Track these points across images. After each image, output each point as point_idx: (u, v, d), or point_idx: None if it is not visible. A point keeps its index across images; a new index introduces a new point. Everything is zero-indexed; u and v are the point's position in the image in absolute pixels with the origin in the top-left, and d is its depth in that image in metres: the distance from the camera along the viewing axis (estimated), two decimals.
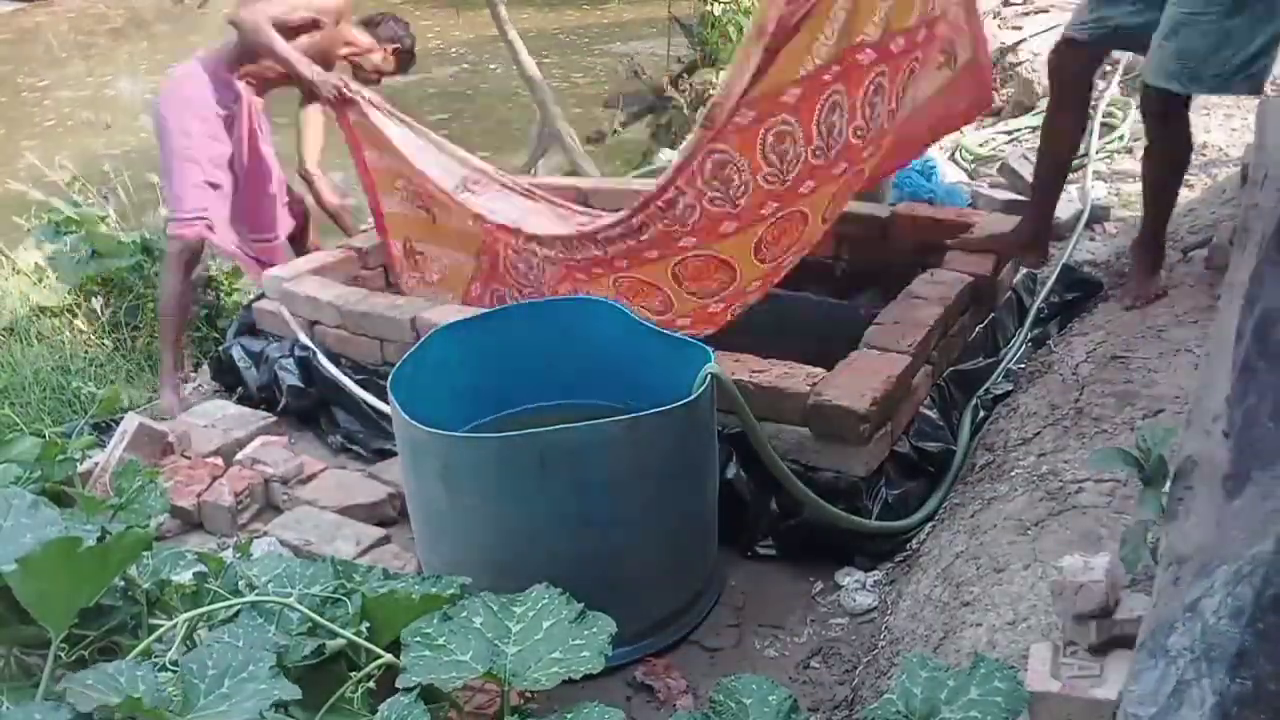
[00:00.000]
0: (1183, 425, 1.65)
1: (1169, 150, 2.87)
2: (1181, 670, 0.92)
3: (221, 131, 3.61)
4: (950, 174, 4.74)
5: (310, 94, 3.63)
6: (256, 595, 1.78)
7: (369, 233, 3.73)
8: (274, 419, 3.23)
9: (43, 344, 3.82)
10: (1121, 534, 1.68)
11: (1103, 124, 5.15)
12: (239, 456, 2.99)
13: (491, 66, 9.15)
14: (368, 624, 1.73)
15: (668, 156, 5.26)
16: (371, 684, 1.65)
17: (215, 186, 3.60)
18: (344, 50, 3.80)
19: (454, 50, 9.73)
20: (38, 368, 3.60)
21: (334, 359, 3.22)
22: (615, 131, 5.94)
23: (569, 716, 1.58)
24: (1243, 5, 2.48)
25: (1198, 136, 4.76)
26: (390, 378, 2.32)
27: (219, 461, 2.97)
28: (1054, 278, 3.43)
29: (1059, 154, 3.13)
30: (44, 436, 2.81)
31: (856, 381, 2.54)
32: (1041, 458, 2.42)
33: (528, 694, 1.78)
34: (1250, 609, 0.85)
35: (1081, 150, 4.89)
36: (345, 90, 3.36)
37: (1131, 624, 1.53)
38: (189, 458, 2.98)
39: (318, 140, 3.98)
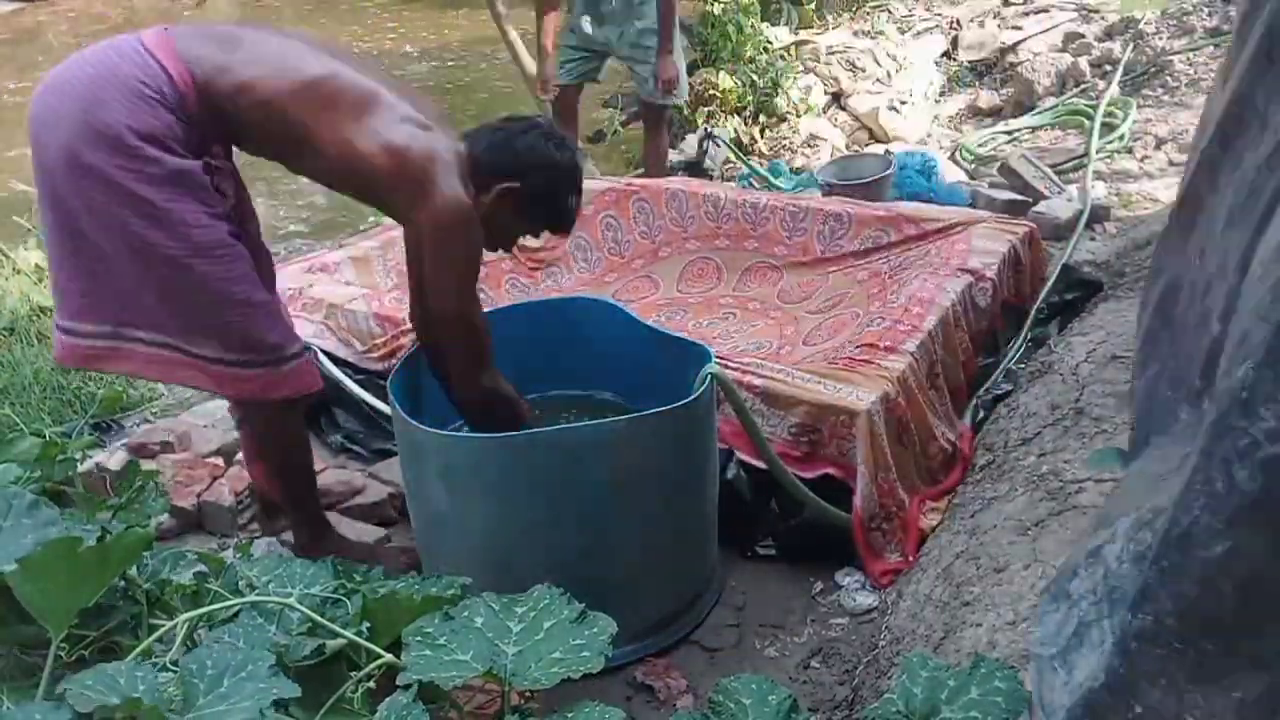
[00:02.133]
0: None
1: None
2: (1083, 612, 0.95)
3: None
4: (949, 174, 4.74)
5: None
6: (257, 595, 1.78)
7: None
8: None
9: (43, 344, 3.82)
10: None
11: (1103, 124, 5.15)
12: (239, 456, 2.99)
13: (452, 64, 9.18)
14: (368, 624, 1.73)
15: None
16: (371, 684, 1.65)
17: None
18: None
19: (417, 50, 9.75)
20: (38, 368, 3.59)
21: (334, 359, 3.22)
22: (615, 131, 5.94)
23: (569, 716, 1.58)
24: None
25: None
26: (390, 378, 2.32)
27: (219, 462, 2.96)
28: (1054, 278, 3.44)
29: None
30: (44, 437, 2.81)
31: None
32: (1042, 458, 2.42)
33: (528, 694, 1.78)
34: (1155, 550, 0.87)
35: (1081, 150, 4.91)
36: None
37: None
38: (189, 458, 2.98)
39: None
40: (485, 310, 2.29)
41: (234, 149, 2.22)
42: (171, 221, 2.02)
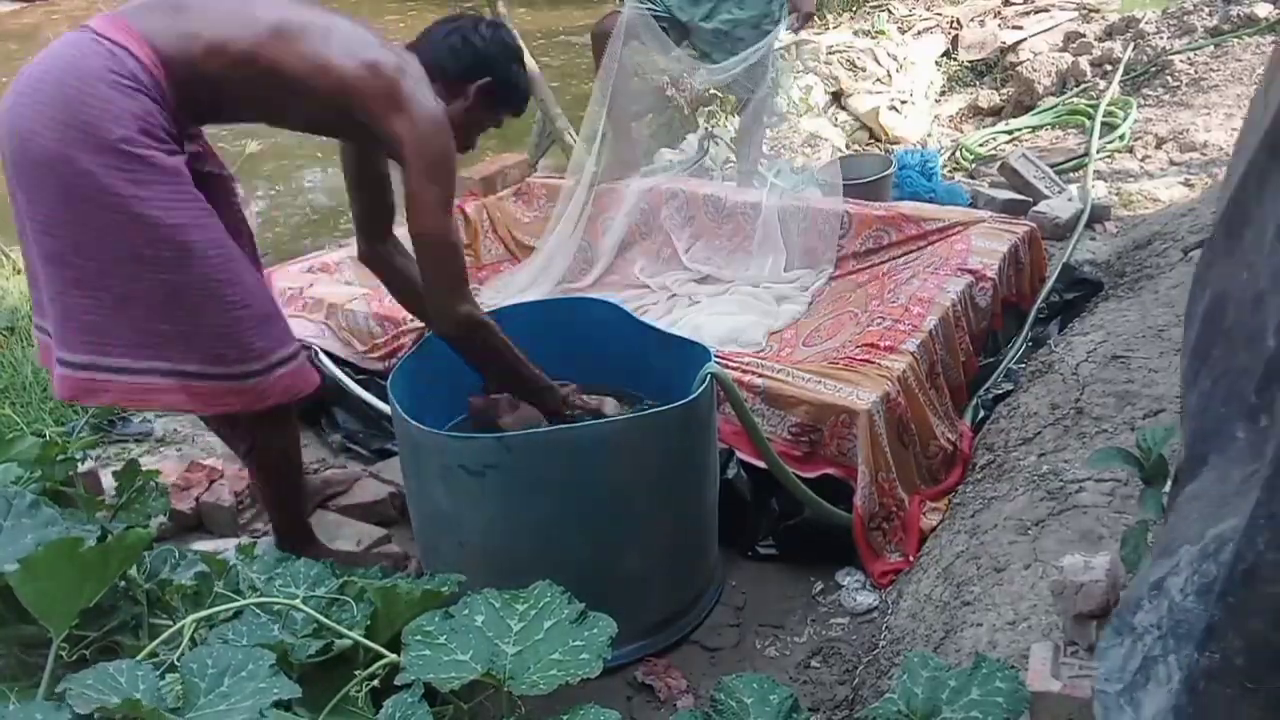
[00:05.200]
0: (1179, 424, 1.65)
1: None
2: (1148, 647, 0.93)
3: None
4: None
5: None
6: (261, 596, 1.78)
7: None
8: None
9: None
10: (1122, 534, 1.68)
11: (1103, 123, 5.15)
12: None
13: None
14: (368, 621, 1.73)
15: (668, 156, 5.26)
16: (376, 683, 1.65)
17: None
18: None
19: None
20: (38, 368, 3.59)
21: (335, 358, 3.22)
22: None
23: (565, 719, 1.58)
24: None
25: (1198, 136, 4.79)
26: (390, 378, 2.32)
27: (218, 464, 2.96)
28: (1054, 278, 3.44)
29: None
30: (44, 437, 2.81)
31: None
32: (1042, 457, 2.42)
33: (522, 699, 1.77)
34: (1221, 585, 0.85)
35: (1081, 150, 4.90)
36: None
37: None
38: (187, 460, 2.98)
39: None
40: (487, 310, 2.29)
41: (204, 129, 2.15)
42: (166, 222, 1.94)
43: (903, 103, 5.81)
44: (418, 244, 2.12)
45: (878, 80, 5.99)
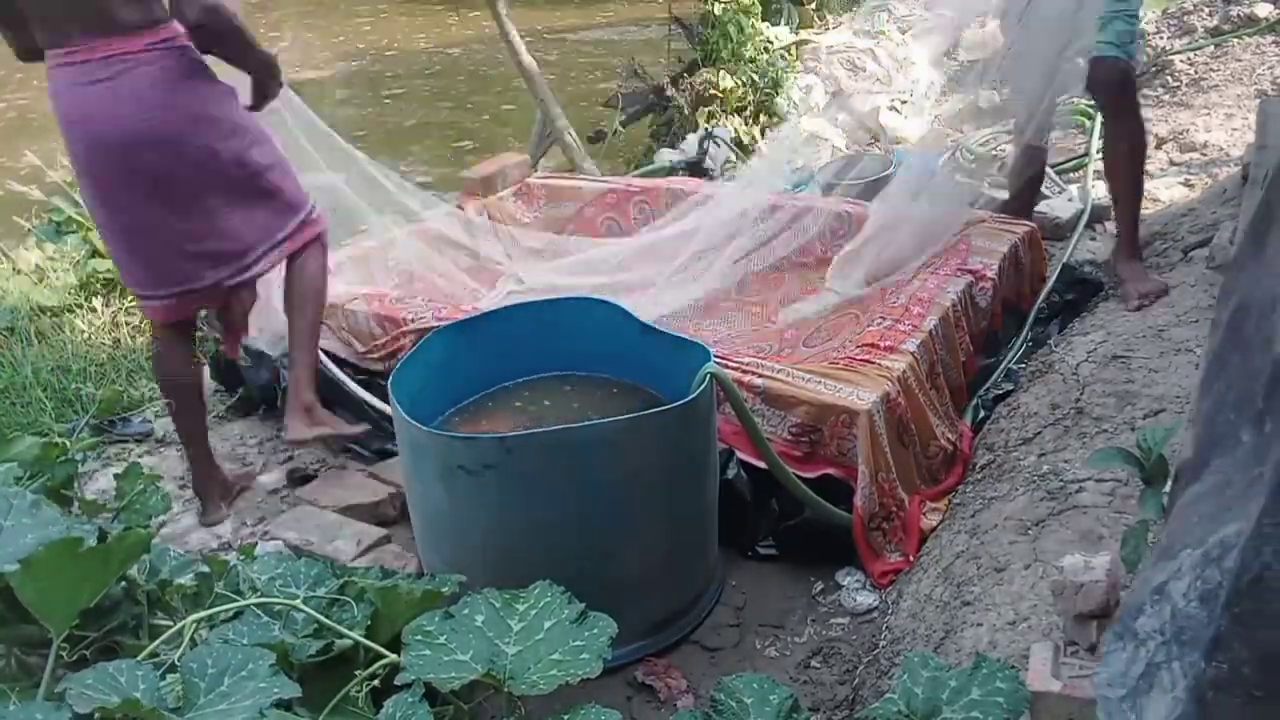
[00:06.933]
0: (1183, 425, 1.66)
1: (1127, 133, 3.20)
2: (1151, 653, 0.93)
3: None
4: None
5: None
6: (261, 596, 1.78)
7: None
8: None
9: (43, 344, 3.82)
10: (1122, 534, 1.68)
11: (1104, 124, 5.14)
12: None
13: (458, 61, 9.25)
14: (368, 620, 1.73)
15: (668, 156, 5.26)
16: (376, 683, 1.65)
17: None
18: None
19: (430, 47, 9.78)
20: (38, 368, 3.59)
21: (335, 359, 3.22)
22: (616, 131, 5.94)
23: (565, 718, 1.58)
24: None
25: (1198, 136, 4.79)
26: (391, 378, 2.32)
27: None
28: (1054, 278, 3.44)
29: None
30: (46, 436, 2.81)
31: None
32: (1042, 457, 2.42)
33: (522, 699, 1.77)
34: (1226, 593, 0.85)
35: (1082, 150, 4.90)
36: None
37: None
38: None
39: None
40: (487, 310, 2.29)
41: None
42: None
43: (903, 103, 5.81)
44: None
45: (878, 80, 5.99)
